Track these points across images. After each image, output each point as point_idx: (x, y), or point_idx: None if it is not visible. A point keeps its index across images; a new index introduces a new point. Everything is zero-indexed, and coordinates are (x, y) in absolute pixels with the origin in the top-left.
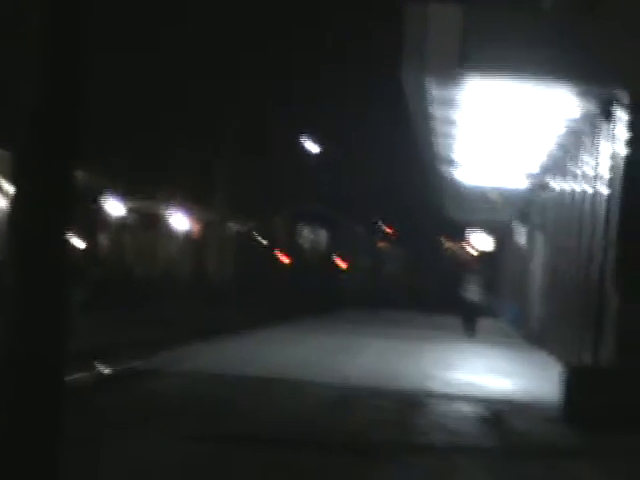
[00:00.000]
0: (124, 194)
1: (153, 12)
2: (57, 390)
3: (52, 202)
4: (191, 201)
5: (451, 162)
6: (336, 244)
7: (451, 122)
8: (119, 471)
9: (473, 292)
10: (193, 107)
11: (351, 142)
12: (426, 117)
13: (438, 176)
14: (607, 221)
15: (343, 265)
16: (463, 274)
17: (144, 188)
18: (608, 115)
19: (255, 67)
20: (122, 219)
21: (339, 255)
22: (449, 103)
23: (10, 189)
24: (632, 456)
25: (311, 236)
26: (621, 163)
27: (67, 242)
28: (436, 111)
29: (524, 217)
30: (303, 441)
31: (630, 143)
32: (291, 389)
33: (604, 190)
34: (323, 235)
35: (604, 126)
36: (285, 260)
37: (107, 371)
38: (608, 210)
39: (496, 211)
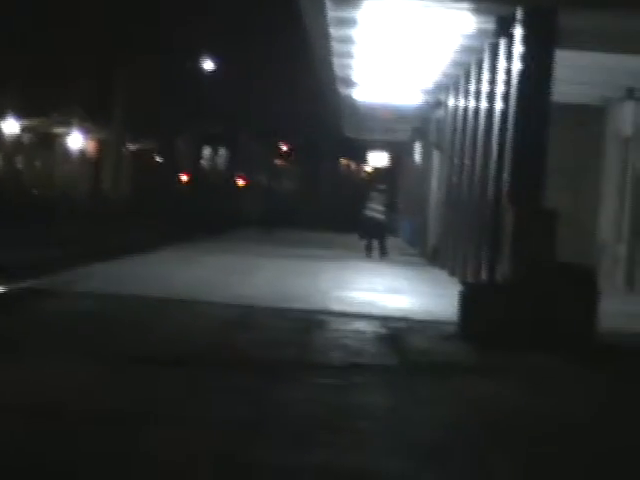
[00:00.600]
0: (20, 113)
1: None
2: None
3: None
4: (89, 120)
5: (349, 81)
6: (236, 164)
7: (349, 41)
8: (12, 393)
9: (377, 211)
10: (89, 23)
11: (249, 61)
12: (324, 36)
13: (336, 95)
14: (502, 138)
15: (242, 184)
16: (365, 193)
17: (40, 107)
18: (503, 31)
19: None
20: (18, 138)
21: (239, 175)
22: (346, 22)
23: None
24: (522, 370)
25: (213, 156)
26: (515, 80)
27: None
28: (333, 30)
29: (421, 135)
30: (200, 361)
31: (524, 59)
32: (186, 309)
33: (498, 108)
34: (224, 155)
35: (499, 42)
36: (185, 179)
37: (2, 290)
38: (502, 126)
39: (393, 130)
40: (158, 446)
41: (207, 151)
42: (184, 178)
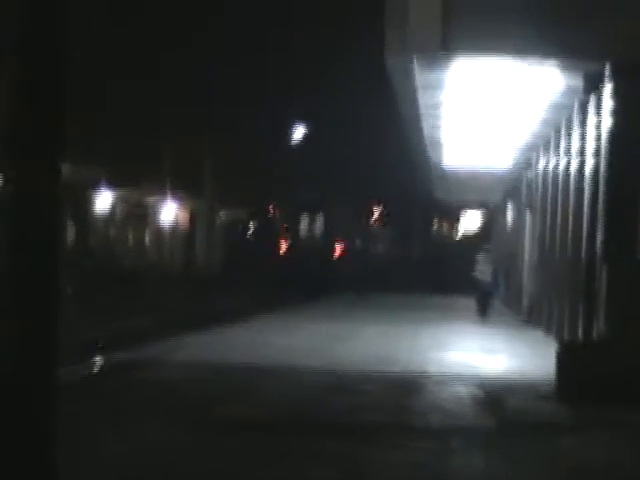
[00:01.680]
0: (112, 184)
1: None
2: (50, 383)
3: (40, 194)
4: (180, 190)
5: (438, 144)
6: (334, 229)
7: (437, 104)
8: (118, 464)
9: (484, 273)
10: (178, 93)
11: (338, 127)
12: (411, 100)
13: (426, 158)
14: (594, 195)
15: (340, 249)
16: (470, 254)
17: (132, 177)
18: (592, 88)
19: (239, 52)
20: (111, 209)
21: (337, 240)
22: (434, 84)
23: None
24: (625, 428)
25: (311, 223)
26: (607, 136)
27: (57, 233)
28: (421, 93)
29: (512, 195)
30: (300, 426)
31: (615, 114)
32: (287, 376)
33: (590, 164)
34: (321, 221)
35: (588, 99)
36: (284, 247)
37: (101, 362)
38: (595, 184)
39: (485, 191)
40: None
41: (307, 218)
42: (284, 245)
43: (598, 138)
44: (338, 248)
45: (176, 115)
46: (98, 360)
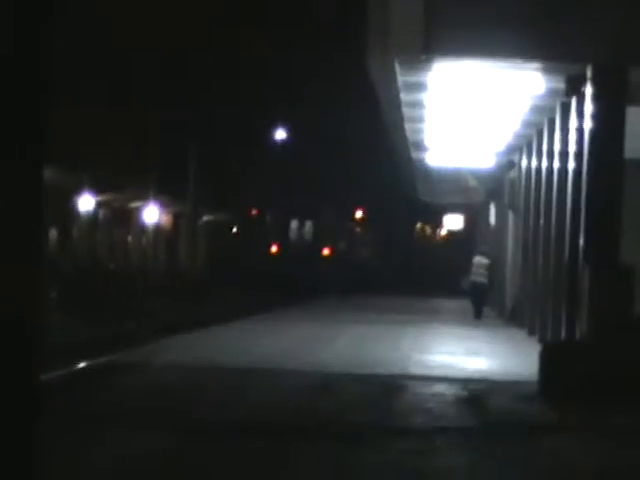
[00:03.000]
0: (95, 188)
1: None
2: (33, 387)
3: (22, 200)
4: (163, 194)
5: (421, 145)
6: (320, 233)
7: (420, 105)
8: (100, 468)
9: (481, 275)
10: (163, 97)
11: (320, 129)
12: (395, 101)
13: (409, 160)
14: (576, 197)
15: (327, 253)
16: (453, 256)
17: (115, 182)
18: (574, 90)
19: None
20: (93, 214)
21: (325, 245)
22: (416, 87)
23: None
24: (607, 430)
25: (299, 227)
26: (588, 138)
27: (40, 239)
28: (404, 95)
29: (495, 196)
30: (284, 428)
31: (596, 117)
32: (268, 378)
33: (571, 166)
34: (309, 226)
35: (570, 101)
36: (274, 250)
37: (83, 366)
38: (577, 186)
39: (467, 192)
40: None
41: (294, 223)
42: (274, 249)
43: (580, 140)
44: (326, 252)
45: (160, 119)
46: (81, 364)
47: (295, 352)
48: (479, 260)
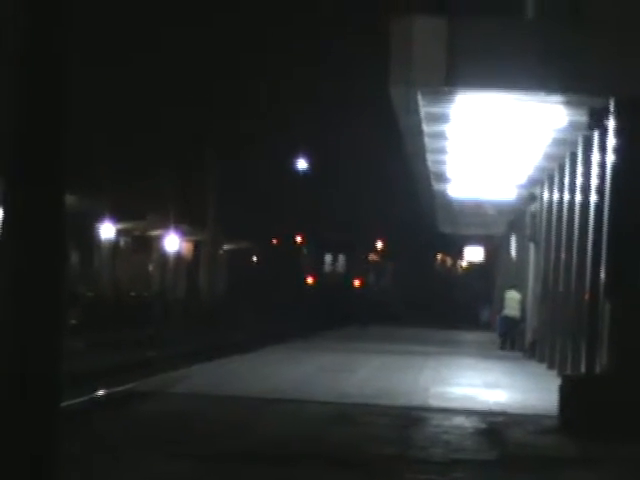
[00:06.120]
0: (116, 216)
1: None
2: (53, 414)
3: (43, 226)
4: (184, 222)
5: (443, 177)
6: (350, 265)
7: (441, 137)
8: None
9: (514, 309)
10: (182, 128)
11: (342, 160)
12: (417, 132)
13: (430, 191)
14: (597, 231)
15: (358, 284)
16: (474, 288)
17: (136, 210)
18: (596, 125)
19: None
20: (114, 241)
21: (354, 275)
22: (438, 118)
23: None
24: (628, 463)
25: (331, 260)
26: (610, 171)
27: (61, 266)
28: (426, 126)
29: (516, 229)
30: (304, 458)
31: (618, 150)
32: (288, 407)
33: (593, 200)
34: (340, 258)
35: (592, 135)
36: (310, 281)
37: (104, 393)
38: (598, 219)
39: (488, 224)
40: None
41: (328, 257)
42: (309, 280)
43: (602, 174)
44: (358, 283)
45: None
46: (102, 391)
47: (316, 382)
48: (513, 295)
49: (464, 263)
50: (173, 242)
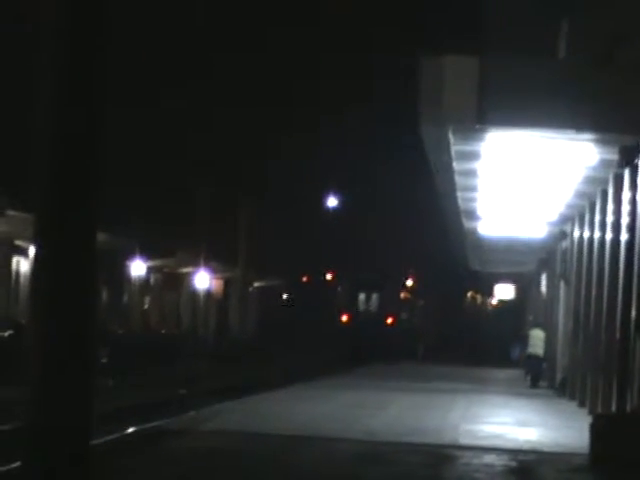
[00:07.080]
0: (147, 253)
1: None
2: (84, 453)
3: (74, 264)
4: (214, 259)
5: (473, 214)
6: (383, 303)
7: (472, 174)
8: None
9: (539, 347)
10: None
11: (373, 198)
12: (448, 170)
13: (461, 229)
14: (629, 269)
15: (390, 322)
16: (503, 326)
17: (167, 247)
18: (627, 162)
19: (274, 125)
20: (145, 278)
21: (388, 313)
22: (469, 156)
23: (32, 252)
24: None
25: (365, 298)
26: None
27: (91, 304)
28: (457, 164)
29: (546, 266)
30: None
31: None
32: (319, 445)
33: (624, 238)
34: (375, 296)
35: (623, 173)
36: (345, 319)
37: (131, 432)
38: (629, 257)
39: (519, 262)
40: None
41: (363, 294)
42: (344, 318)
43: (633, 211)
44: (391, 320)
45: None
46: (132, 429)
47: (344, 419)
48: (537, 333)
49: (494, 301)
50: (203, 279)
